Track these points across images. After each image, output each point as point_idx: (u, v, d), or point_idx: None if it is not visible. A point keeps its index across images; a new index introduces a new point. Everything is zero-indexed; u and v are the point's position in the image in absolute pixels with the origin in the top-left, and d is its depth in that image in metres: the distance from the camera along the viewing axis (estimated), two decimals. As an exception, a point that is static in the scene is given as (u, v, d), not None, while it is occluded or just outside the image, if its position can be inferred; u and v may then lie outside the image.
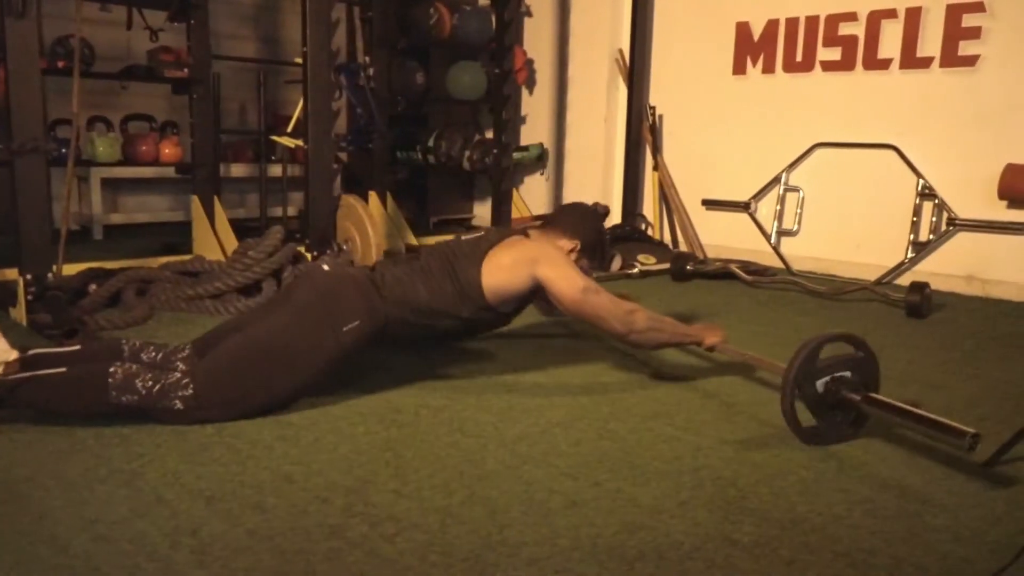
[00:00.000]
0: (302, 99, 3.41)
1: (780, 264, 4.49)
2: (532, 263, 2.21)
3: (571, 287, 2.19)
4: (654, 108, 5.12)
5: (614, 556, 1.40)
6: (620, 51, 5.25)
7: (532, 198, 5.84)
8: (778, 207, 4.59)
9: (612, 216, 5.35)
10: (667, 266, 4.27)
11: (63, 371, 1.90)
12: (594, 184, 5.51)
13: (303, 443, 1.85)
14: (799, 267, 4.42)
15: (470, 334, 2.39)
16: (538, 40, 5.76)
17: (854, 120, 4.29)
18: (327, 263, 2.24)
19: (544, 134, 5.79)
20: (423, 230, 5.53)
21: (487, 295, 2.21)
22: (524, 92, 5.88)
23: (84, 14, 3.12)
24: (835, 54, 4.33)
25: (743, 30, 4.69)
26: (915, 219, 4.07)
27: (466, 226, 6.10)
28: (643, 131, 5.11)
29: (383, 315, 2.14)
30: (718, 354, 2.45)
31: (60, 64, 3.87)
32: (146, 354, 2.10)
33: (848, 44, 4.27)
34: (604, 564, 1.37)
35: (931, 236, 4.03)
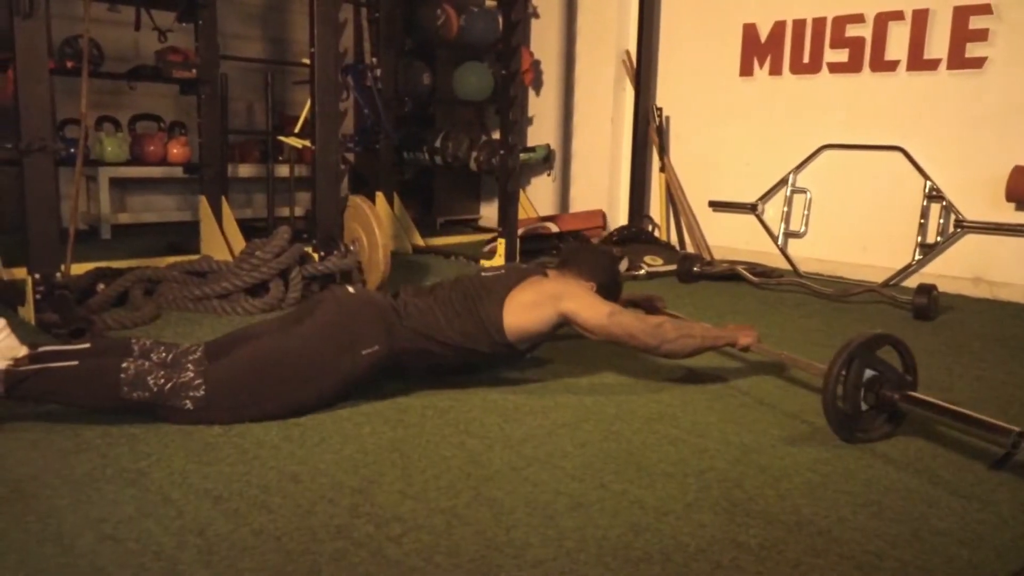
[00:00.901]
0: (309, 100, 3.42)
1: (787, 266, 4.48)
2: (556, 299, 2.25)
3: (597, 314, 2.24)
4: (661, 109, 5.11)
5: (619, 558, 1.40)
6: (627, 52, 5.25)
7: (539, 199, 5.85)
8: (785, 208, 4.59)
9: (619, 217, 5.36)
10: (674, 267, 4.26)
11: (75, 364, 1.91)
12: (600, 185, 5.51)
13: (309, 443, 1.86)
14: (806, 269, 4.41)
15: (484, 368, 2.43)
16: (545, 41, 5.76)
17: (861, 122, 4.28)
18: (353, 287, 2.29)
19: (551, 135, 5.79)
20: (430, 231, 5.54)
21: (508, 333, 2.23)
22: (531, 93, 5.88)
23: (92, 14, 3.12)
24: (842, 56, 4.32)
25: (750, 31, 4.69)
26: (922, 221, 4.06)
27: (472, 227, 6.11)
28: (650, 132, 5.10)
29: (402, 342, 2.16)
30: (751, 354, 2.46)
31: (69, 64, 3.88)
32: (156, 354, 2.11)
33: (855, 46, 4.26)
34: (609, 566, 1.37)
35: (938, 238, 4.02)
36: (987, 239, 3.90)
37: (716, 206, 4.87)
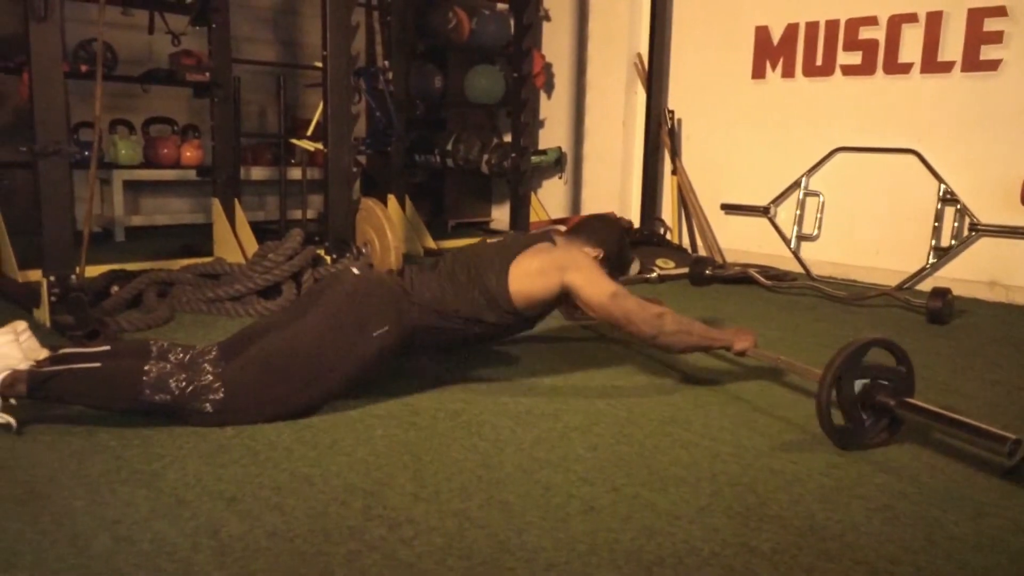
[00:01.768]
0: (322, 102, 3.43)
1: (800, 269, 4.46)
2: (561, 270, 2.22)
3: (600, 292, 2.21)
4: (672, 112, 5.10)
5: (632, 561, 1.40)
6: (639, 55, 5.24)
7: (550, 201, 5.85)
8: (798, 211, 4.57)
9: (630, 220, 5.35)
10: (686, 271, 4.25)
11: (97, 366, 1.92)
12: (612, 188, 5.51)
13: (321, 445, 1.86)
14: (819, 272, 4.40)
15: (494, 340, 2.40)
16: (556, 44, 5.77)
17: (875, 124, 4.26)
18: (357, 267, 2.26)
19: (562, 138, 5.79)
20: (441, 233, 5.55)
21: (514, 300, 2.22)
22: (542, 96, 5.89)
23: (106, 18, 3.14)
24: (855, 58, 4.31)
25: (762, 34, 4.68)
26: (936, 224, 4.03)
27: (484, 229, 6.11)
28: (661, 135, 5.10)
29: (412, 320, 2.15)
30: (748, 359, 2.42)
31: (83, 68, 3.92)
32: (173, 355, 2.12)
33: (868, 48, 4.25)
34: (622, 569, 1.37)
35: (953, 241, 4.00)
36: (1002, 243, 3.87)
37: (728, 209, 4.86)
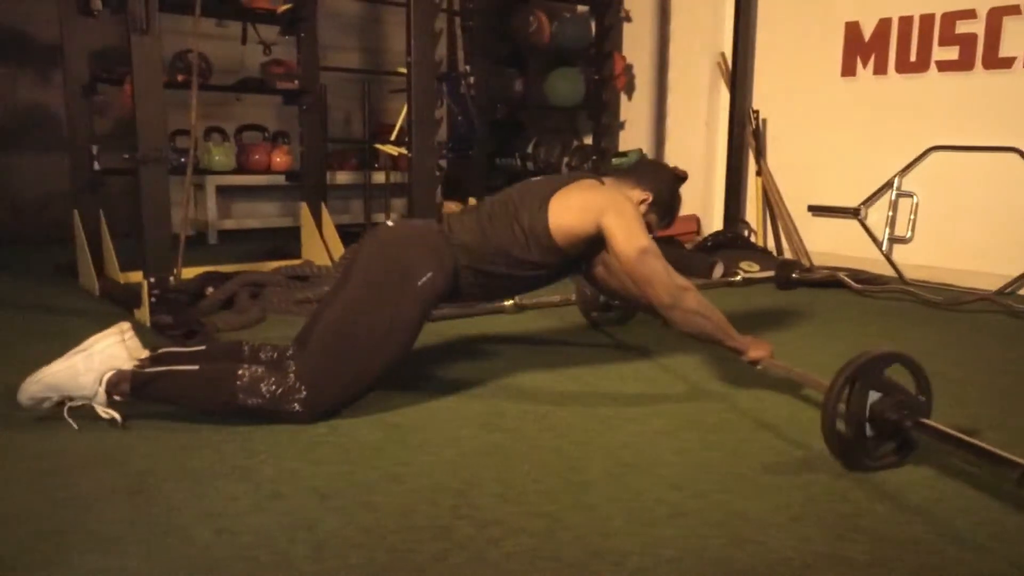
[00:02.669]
0: (405, 108, 3.49)
1: (892, 272, 4.31)
2: (599, 211, 2.15)
3: (631, 244, 2.11)
4: (757, 112, 5.00)
5: (721, 569, 1.38)
6: (722, 54, 5.16)
7: (630, 204, 5.79)
8: (890, 213, 4.42)
9: (713, 222, 5.26)
10: (771, 274, 4.17)
11: (195, 369, 2.00)
12: (695, 189, 5.42)
13: (410, 445, 1.89)
14: (913, 276, 4.23)
15: (543, 283, 2.32)
16: (638, 45, 5.72)
17: (973, 122, 4.09)
18: (391, 220, 2.24)
19: (643, 139, 5.74)
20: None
21: (554, 235, 2.15)
22: (623, 97, 5.85)
23: (201, 30, 3.27)
24: (952, 53, 4.14)
25: (853, 30, 4.54)
26: (1040, 226, 3.85)
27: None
28: (746, 135, 5.00)
29: (453, 263, 2.12)
30: (761, 370, 2.25)
31: (180, 78, 4.07)
32: (264, 353, 2.18)
33: (966, 43, 4.07)
34: (712, 577, 1.35)
35: (1058, 244, 3.80)
36: (1113, 245, 3.67)
37: (816, 211, 4.72)
